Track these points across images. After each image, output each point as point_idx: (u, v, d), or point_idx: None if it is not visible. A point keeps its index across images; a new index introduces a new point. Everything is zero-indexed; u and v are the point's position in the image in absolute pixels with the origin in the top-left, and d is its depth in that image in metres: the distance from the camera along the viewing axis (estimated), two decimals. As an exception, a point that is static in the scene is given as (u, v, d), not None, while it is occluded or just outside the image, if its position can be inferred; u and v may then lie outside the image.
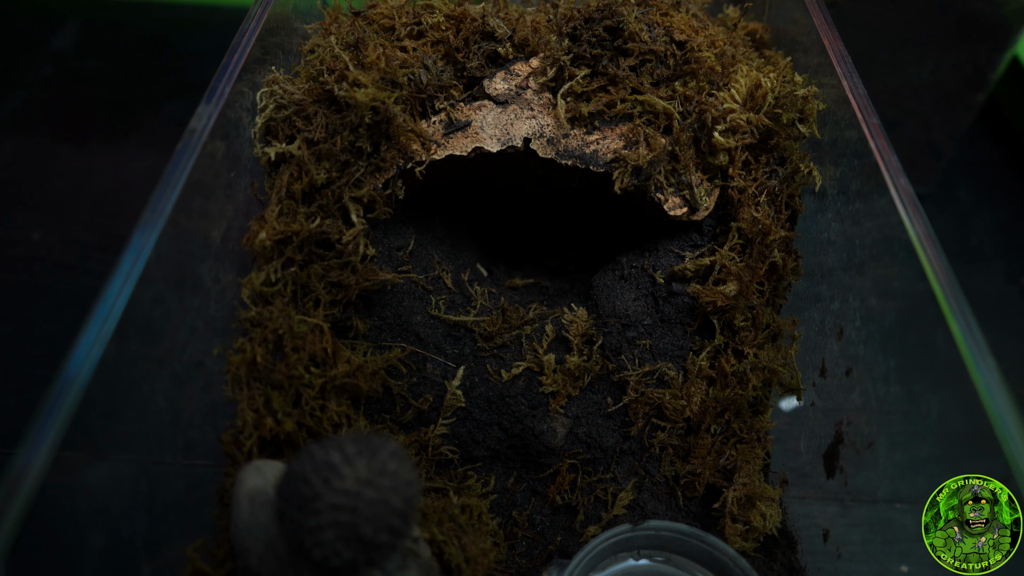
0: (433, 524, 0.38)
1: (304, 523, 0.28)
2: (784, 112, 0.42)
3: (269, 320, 0.41)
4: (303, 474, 0.29)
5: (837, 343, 0.42)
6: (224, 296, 0.41)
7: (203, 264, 0.38)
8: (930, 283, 0.33)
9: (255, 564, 0.32)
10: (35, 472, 0.25)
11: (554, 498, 0.44)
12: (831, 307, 0.43)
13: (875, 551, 0.36)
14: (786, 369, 0.46)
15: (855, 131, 0.40)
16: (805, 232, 0.46)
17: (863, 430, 0.38)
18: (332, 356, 0.42)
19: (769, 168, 0.44)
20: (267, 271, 0.41)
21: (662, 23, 0.44)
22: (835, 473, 0.40)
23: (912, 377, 0.35)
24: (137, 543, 0.31)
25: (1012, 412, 0.28)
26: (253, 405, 0.41)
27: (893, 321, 0.36)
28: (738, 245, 0.44)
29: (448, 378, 0.44)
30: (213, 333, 0.40)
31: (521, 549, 0.43)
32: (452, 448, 0.44)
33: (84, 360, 0.28)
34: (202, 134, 0.37)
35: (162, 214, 0.33)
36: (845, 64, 0.42)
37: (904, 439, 0.35)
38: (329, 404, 0.42)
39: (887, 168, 0.37)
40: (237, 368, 0.41)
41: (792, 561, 0.43)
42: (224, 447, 0.40)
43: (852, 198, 0.40)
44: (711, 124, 0.42)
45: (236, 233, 0.42)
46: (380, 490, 0.29)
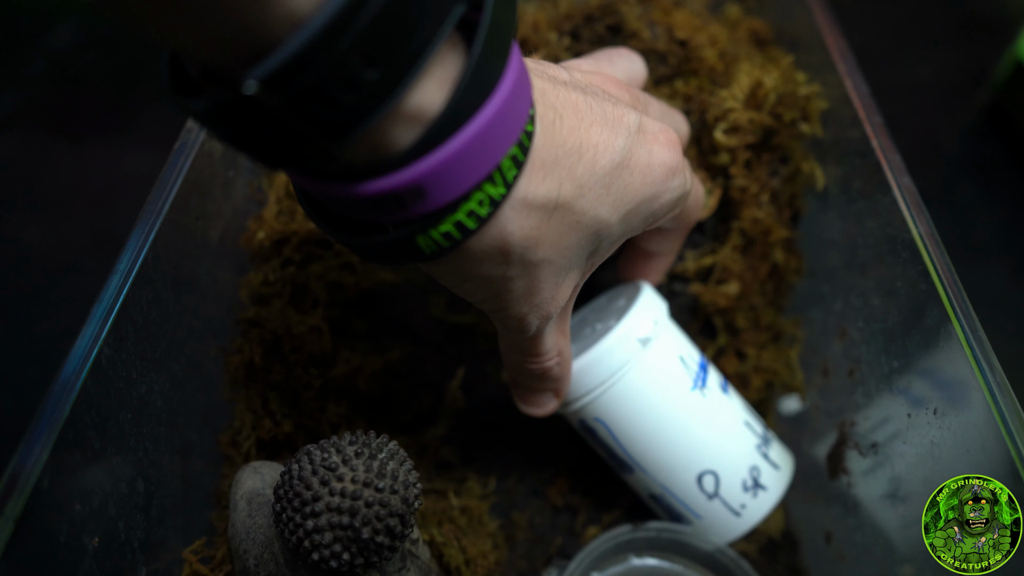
0: (433, 526, 0.38)
1: (302, 525, 0.28)
2: (786, 111, 0.42)
3: (267, 320, 0.40)
4: (301, 476, 0.29)
5: (840, 344, 0.42)
6: (222, 296, 0.41)
7: (201, 264, 0.38)
8: (933, 283, 0.33)
9: (253, 566, 0.32)
10: (32, 473, 0.25)
11: (554, 499, 0.44)
12: (833, 307, 0.43)
13: (878, 553, 0.36)
14: (788, 370, 0.45)
15: (858, 130, 0.39)
16: (807, 232, 0.46)
17: (866, 431, 0.38)
18: (331, 356, 0.42)
19: (771, 167, 0.44)
20: (265, 271, 0.41)
21: (663, 21, 0.44)
22: (838, 474, 0.40)
23: (915, 378, 0.34)
24: (134, 545, 0.31)
25: (1016, 412, 0.28)
26: (251, 406, 0.40)
27: (896, 321, 0.36)
28: (740, 245, 0.44)
29: (448, 378, 0.44)
30: (211, 334, 0.40)
31: (521, 550, 0.42)
32: (452, 449, 0.44)
33: (81, 360, 0.28)
34: (200, 133, 0.37)
35: (159, 214, 0.33)
36: (847, 62, 0.42)
37: (906, 440, 0.34)
38: (328, 405, 0.41)
39: (890, 167, 0.37)
40: (235, 369, 0.41)
41: (795, 563, 0.43)
42: (222, 448, 0.40)
43: (855, 197, 0.40)
44: (712, 123, 0.42)
45: (234, 233, 0.42)
46: (379, 492, 0.28)
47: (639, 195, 0.29)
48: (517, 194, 0.25)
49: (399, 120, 0.22)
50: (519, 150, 0.25)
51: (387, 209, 0.24)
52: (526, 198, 0.26)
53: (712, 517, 0.38)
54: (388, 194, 0.23)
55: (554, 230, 0.27)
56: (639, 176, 0.29)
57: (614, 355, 0.36)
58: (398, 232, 0.25)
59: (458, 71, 0.23)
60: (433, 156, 0.23)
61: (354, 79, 0.20)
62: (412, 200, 0.23)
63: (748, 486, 0.38)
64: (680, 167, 0.31)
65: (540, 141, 0.26)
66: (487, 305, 0.30)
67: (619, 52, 0.36)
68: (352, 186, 0.23)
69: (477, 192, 0.24)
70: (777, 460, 0.39)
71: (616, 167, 0.28)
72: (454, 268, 0.27)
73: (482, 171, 0.24)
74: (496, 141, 0.24)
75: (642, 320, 0.37)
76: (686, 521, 0.39)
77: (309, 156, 0.22)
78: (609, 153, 0.28)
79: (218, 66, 0.20)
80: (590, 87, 0.29)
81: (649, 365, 0.37)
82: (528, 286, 0.28)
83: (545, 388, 0.36)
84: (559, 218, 0.27)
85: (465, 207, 0.24)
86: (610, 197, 0.28)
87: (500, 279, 0.28)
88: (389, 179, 0.23)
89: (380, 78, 0.20)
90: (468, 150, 0.23)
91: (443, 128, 0.23)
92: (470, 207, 0.24)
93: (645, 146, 0.29)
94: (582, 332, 0.39)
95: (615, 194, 0.28)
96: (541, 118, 0.26)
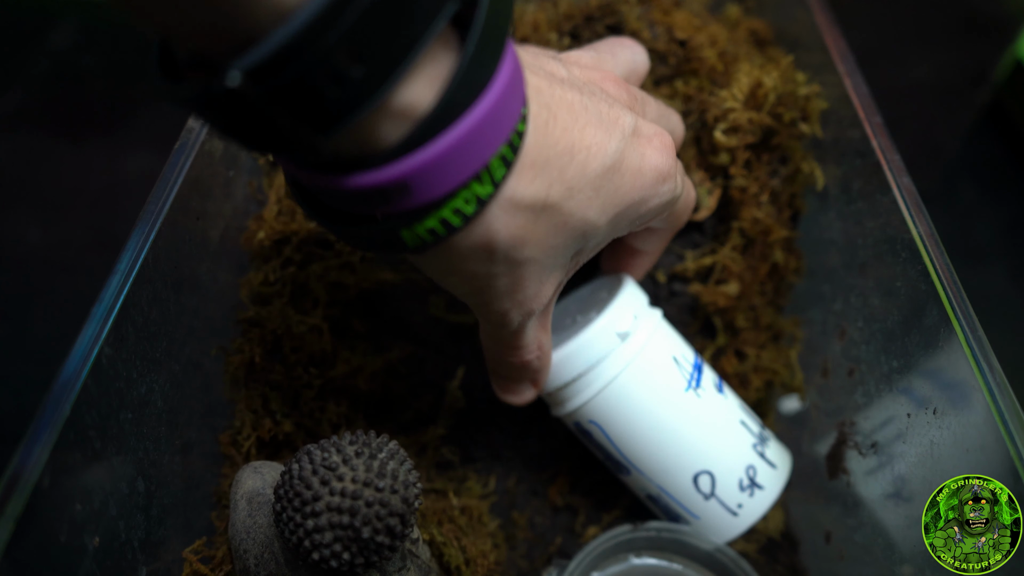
0: (433, 525, 0.38)
1: (302, 524, 0.28)
2: (786, 111, 0.42)
3: (268, 320, 0.40)
4: (302, 475, 0.29)
5: (839, 343, 0.42)
6: (222, 296, 0.41)
7: (201, 264, 0.38)
8: (933, 283, 0.33)
9: (253, 566, 0.32)
10: (32, 473, 0.25)
11: (554, 499, 0.44)
12: (833, 307, 0.43)
13: (877, 552, 0.36)
14: (788, 370, 0.45)
15: (857, 130, 0.39)
16: (807, 232, 0.46)
17: (865, 431, 0.38)
18: (331, 356, 0.42)
19: (771, 167, 0.44)
20: (265, 271, 0.41)
21: (663, 21, 0.44)
22: (837, 474, 0.40)
23: (915, 378, 0.34)
24: (134, 544, 0.31)
25: (1016, 412, 0.28)
26: (251, 406, 0.40)
27: (896, 321, 0.36)
28: (740, 245, 0.44)
29: (448, 378, 0.44)
30: (211, 333, 0.40)
31: (521, 550, 0.42)
32: (452, 449, 0.44)
33: (81, 360, 0.28)
34: (200, 133, 0.37)
35: (159, 213, 0.33)
36: (847, 62, 0.42)
37: (906, 440, 0.34)
38: (328, 405, 0.41)
39: (890, 167, 0.37)
40: (235, 369, 0.41)
41: (794, 562, 0.43)
42: (222, 448, 0.40)
43: (854, 197, 0.40)
44: (712, 123, 0.42)
45: (234, 233, 0.42)
46: (379, 491, 0.28)
47: (628, 198, 0.29)
48: (505, 194, 0.25)
49: (387, 116, 0.22)
50: (509, 150, 0.24)
51: (372, 203, 0.24)
52: (514, 198, 0.25)
53: (709, 517, 0.38)
54: (373, 189, 0.23)
55: (541, 230, 0.27)
56: (629, 180, 0.29)
57: (593, 347, 0.36)
58: (383, 224, 0.24)
59: (450, 69, 0.22)
60: (420, 153, 0.22)
61: (339, 75, 0.19)
62: (397, 196, 0.23)
63: (744, 485, 0.38)
64: (671, 172, 0.30)
65: (531, 141, 0.25)
66: (470, 299, 0.30)
67: (622, 42, 0.35)
68: (338, 178, 0.23)
69: (464, 190, 0.24)
70: (774, 459, 0.39)
71: (607, 170, 0.28)
72: (439, 262, 0.27)
73: (470, 170, 0.24)
74: (485, 141, 0.23)
75: (622, 314, 0.37)
76: (683, 521, 0.39)
77: (294, 147, 0.22)
78: (601, 156, 0.27)
79: (204, 53, 0.20)
80: (587, 85, 0.29)
81: (642, 366, 0.37)
82: (512, 283, 0.28)
83: (524, 379, 0.36)
84: (546, 219, 0.27)
85: (451, 204, 0.24)
86: (599, 199, 0.28)
87: (484, 276, 0.28)
88: (375, 174, 0.23)
89: (366, 75, 0.20)
90: (456, 149, 0.23)
91: (432, 126, 0.22)
92: (456, 205, 0.24)
93: (638, 149, 0.29)
94: (563, 322, 0.39)
95: (604, 197, 0.28)
96: (534, 118, 0.25)
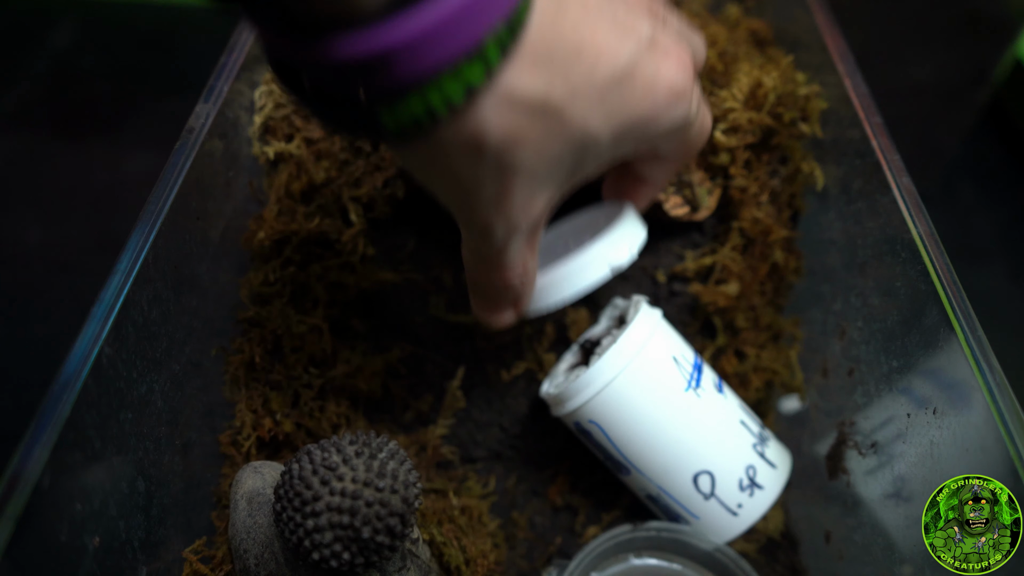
0: (433, 525, 0.38)
1: (303, 524, 0.28)
2: (786, 111, 0.42)
3: (268, 320, 0.41)
4: (302, 475, 0.29)
5: (839, 343, 0.42)
6: (222, 296, 0.41)
7: (201, 264, 0.38)
8: (933, 283, 0.33)
9: (253, 566, 0.32)
10: (32, 473, 0.25)
11: (554, 499, 0.44)
12: (833, 307, 0.43)
13: (877, 552, 0.36)
14: (788, 370, 0.45)
15: (857, 130, 0.39)
16: (807, 232, 0.46)
17: (865, 431, 0.38)
18: (331, 356, 0.42)
19: (771, 167, 0.44)
20: (265, 271, 0.41)
21: (663, 21, 0.44)
22: (837, 474, 0.40)
23: (915, 377, 0.34)
24: (135, 544, 0.31)
25: (1015, 412, 0.28)
26: (251, 406, 0.41)
27: (895, 321, 0.36)
28: (740, 245, 0.44)
29: (448, 378, 0.44)
30: (211, 333, 0.40)
31: (521, 550, 0.42)
32: (452, 449, 0.44)
33: (81, 360, 0.28)
34: (200, 133, 0.37)
35: (159, 213, 0.33)
36: (847, 62, 0.42)
37: (906, 439, 0.34)
38: (328, 405, 0.41)
39: (889, 167, 0.37)
40: (235, 368, 0.41)
41: (794, 562, 0.43)
42: (222, 448, 0.40)
43: (854, 197, 0.40)
44: (712, 123, 0.42)
45: (234, 233, 0.42)
46: (379, 491, 0.28)
47: (636, 113, 0.27)
48: (500, 85, 0.23)
49: None
50: (507, 33, 0.22)
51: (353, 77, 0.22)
52: (510, 91, 0.23)
53: (709, 517, 0.38)
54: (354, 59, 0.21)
55: (536, 133, 0.25)
56: (640, 92, 0.26)
57: (583, 275, 0.34)
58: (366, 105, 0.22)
59: None
60: (404, 17, 0.20)
61: None
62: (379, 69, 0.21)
63: (744, 485, 0.38)
64: (687, 91, 0.28)
65: (535, 31, 0.23)
66: (453, 205, 0.28)
67: None
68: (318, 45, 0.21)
69: (452, 72, 0.22)
70: (774, 459, 0.39)
71: (616, 78, 0.25)
72: (423, 157, 0.25)
73: (460, 45, 0.21)
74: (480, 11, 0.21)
75: (619, 245, 0.35)
76: (683, 521, 0.39)
77: None
78: (612, 61, 0.25)
79: None
80: None
81: (642, 366, 0.37)
82: (499, 191, 0.26)
83: (504, 301, 0.33)
84: (544, 121, 0.24)
85: (437, 87, 0.22)
86: (604, 109, 0.26)
87: (470, 178, 0.26)
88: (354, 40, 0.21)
89: None
90: (445, 16, 0.21)
91: None
92: (445, 90, 0.22)
93: (653, 61, 0.26)
94: (554, 247, 0.38)
95: (610, 107, 0.26)
96: (541, 6, 0.23)
